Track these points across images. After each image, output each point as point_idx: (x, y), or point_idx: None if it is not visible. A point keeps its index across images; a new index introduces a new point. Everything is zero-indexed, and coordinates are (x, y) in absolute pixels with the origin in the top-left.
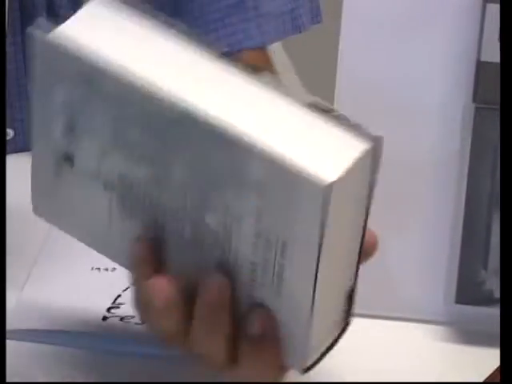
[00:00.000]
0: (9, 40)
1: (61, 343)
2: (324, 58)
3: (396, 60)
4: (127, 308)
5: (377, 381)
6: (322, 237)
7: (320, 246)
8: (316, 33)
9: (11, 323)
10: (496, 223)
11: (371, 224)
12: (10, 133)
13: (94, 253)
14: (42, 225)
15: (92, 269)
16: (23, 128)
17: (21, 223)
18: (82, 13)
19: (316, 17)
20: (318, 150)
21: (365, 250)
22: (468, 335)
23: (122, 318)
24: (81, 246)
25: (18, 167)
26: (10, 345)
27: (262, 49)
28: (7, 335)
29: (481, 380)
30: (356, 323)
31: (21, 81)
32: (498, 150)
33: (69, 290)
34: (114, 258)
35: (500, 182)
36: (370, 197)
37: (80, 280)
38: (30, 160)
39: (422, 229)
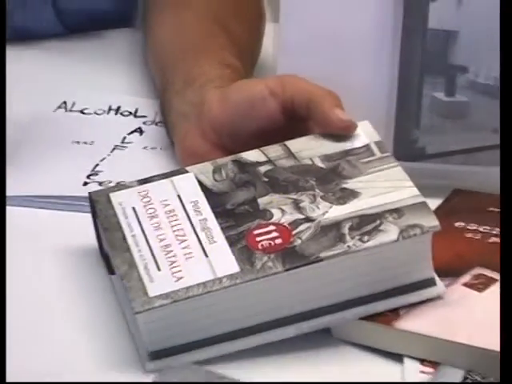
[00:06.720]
0: None
1: (45, 206)
2: None
3: None
4: (104, 174)
5: None
6: None
7: None
8: None
9: None
10: (426, 88)
11: None
12: None
13: (73, 127)
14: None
15: (72, 142)
16: None
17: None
18: None
19: None
20: None
21: None
22: None
23: (100, 183)
24: (61, 122)
25: None
26: None
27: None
28: None
29: None
30: None
31: None
32: (427, 19)
33: (51, 161)
34: None
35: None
36: None
37: (61, 152)
38: None
39: (361, 96)
